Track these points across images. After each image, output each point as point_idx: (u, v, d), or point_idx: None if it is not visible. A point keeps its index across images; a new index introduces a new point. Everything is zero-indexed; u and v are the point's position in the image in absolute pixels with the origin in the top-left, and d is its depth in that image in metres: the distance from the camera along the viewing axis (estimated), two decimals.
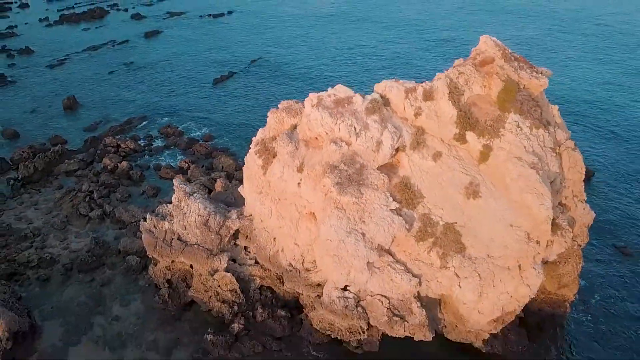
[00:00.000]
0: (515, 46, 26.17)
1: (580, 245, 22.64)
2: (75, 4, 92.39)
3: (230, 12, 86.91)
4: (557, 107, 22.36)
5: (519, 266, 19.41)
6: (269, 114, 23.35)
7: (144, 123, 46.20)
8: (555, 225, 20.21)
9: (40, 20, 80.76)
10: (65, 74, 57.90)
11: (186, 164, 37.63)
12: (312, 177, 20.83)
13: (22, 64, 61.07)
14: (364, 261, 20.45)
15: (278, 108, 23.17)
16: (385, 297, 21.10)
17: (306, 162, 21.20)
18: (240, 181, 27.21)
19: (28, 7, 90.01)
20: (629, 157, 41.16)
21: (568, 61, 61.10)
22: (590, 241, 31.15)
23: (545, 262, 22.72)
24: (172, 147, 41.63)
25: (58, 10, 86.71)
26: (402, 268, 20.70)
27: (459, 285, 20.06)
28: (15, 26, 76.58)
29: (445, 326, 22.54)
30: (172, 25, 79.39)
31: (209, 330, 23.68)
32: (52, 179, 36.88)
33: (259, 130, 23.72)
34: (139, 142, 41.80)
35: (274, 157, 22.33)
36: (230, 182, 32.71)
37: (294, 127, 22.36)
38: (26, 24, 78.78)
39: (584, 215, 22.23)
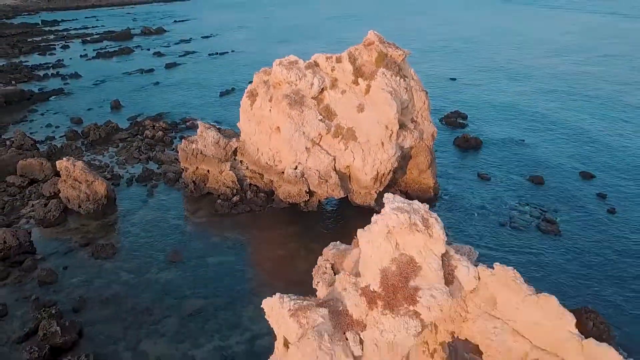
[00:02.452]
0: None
1: (428, 146, 39.92)
2: (107, 45, 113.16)
3: (233, 51, 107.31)
4: (413, 69, 40.31)
5: (382, 143, 36.66)
6: (254, 75, 41.40)
7: (170, 116, 64.23)
8: (405, 126, 37.73)
9: (80, 56, 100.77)
10: (108, 88, 76.60)
11: None
12: (276, 104, 38.49)
13: (74, 83, 79.90)
14: (304, 147, 37.77)
15: (259, 71, 41.24)
16: (317, 170, 38.21)
17: (273, 96, 38.92)
18: None
19: (69, 47, 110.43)
20: (507, 135, 59.03)
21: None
22: (462, 171, 48.75)
23: (409, 158, 40.09)
24: (191, 128, 59.39)
25: (94, 50, 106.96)
26: (325, 152, 38.00)
27: (354, 158, 37.31)
28: (62, 60, 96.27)
29: (353, 193, 39.49)
30: (188, 60, 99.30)
31: (218, 199, 40.68)
32: (111, 143, 54.53)
33: (249, 85, 41.65)
34: (168, 123, 59.76)
35: (256, 97, 40.10)
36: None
37: (267, 79, 40.25)
38: (70, 58, 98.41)
39: (429, 128, 39.72)
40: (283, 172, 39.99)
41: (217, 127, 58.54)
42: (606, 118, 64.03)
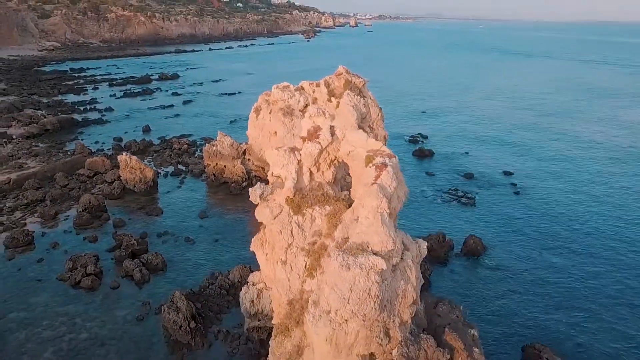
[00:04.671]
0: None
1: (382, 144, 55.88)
2: (130, 87, 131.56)
3: (240, 92, 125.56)
4: (371, 92, 56.95)
5: None
6: (259, 96, 58.07)
7: (191, 137, 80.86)
8: (364, 128, 53.98)
9: (110, 95, 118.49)
10: (138, 118, 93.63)
11: None
12: (274, 115, 54.96)
13: (109, 114, 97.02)
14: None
15: (262, 93, 57.96)
16: None
17: (272, 110, 55.47)
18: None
19: (98, 89, 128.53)
20: (455, 149, 75.39)
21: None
22: (415, 170, 64.61)
23: None
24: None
25: (120, 91, 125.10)
26: None
27: None
28: (96, 98, 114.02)
29: None
30: (201, 98, 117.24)
31: (233, 185, 56.45)
32: (147, 153, 70.79)
33: (255, 104, 58.27)
34: (190, 141, 76.34)
35: (260, 111, 56.65)
36: None
37: (268, 99, 56.90)
38: (102, 97, 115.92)
39: (382, 132, 55.95)
40: None
41: None
42: (534, 135, 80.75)
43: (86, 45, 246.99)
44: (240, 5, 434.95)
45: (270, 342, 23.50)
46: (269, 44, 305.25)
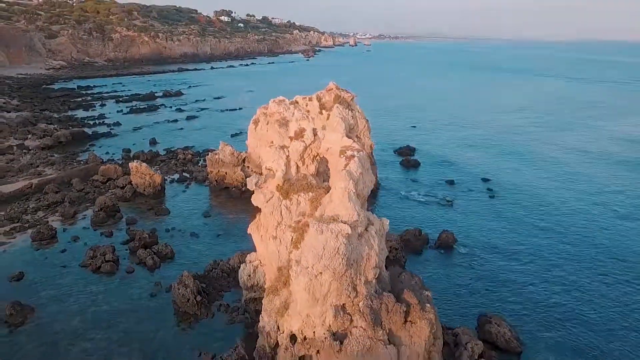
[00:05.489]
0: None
1: (367, 153, 61.70)
2: (136, 104, 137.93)
3: (241, 108, 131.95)
4: (358, 106, 62.92)
5: None
6: (258, 109, 64.03)
7: (195, 148, 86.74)
8: (352, 138, 59.80)
9: (117, 111, 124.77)
10: (144, 132, 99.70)
11: None
12: (271, 126, 60.85)
13: (117, 128, 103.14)
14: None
15: (260, 107, 63.94)
16: None
17: (269, 121, 61.36)
18: None
19: (105, 105, 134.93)
20: (440, 159, 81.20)
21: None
22: (401, 177, 70.29)
23: None
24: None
25: (126, 107, 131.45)
26: None
27: None
28: (104, 114, 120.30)
29: None
30: (204, 114, 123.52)
31: (234, 190, 62.04)
32: (154, 163, 76.57)
33: (253, 116, 64.20)
34: (194, 152, 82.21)
35: (258, 122, 62.54)
36: None
37: (266, 111, 62.82)
38: (109, 113, 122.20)
39: (368, 141, 61.77)
40: None
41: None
42: (515, 146, 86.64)
43: (91, 64, 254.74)
44: (242, 25, 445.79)
45: (262, 301, 28.92)
46: (270, 63, 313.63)
